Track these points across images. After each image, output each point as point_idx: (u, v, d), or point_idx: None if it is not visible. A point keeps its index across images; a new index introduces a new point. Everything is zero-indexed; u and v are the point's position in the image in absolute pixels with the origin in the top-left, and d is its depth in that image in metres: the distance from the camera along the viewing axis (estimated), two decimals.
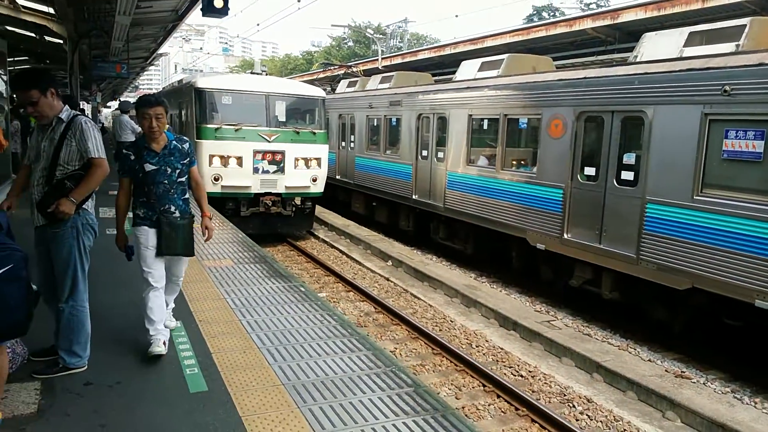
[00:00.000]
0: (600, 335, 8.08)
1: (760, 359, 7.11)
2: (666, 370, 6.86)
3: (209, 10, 8.50)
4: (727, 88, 6.30)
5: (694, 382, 6.62)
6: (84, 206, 3.95)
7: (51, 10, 14.64)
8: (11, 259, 2.81)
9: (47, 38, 17.49)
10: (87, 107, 30.02)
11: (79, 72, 18.89)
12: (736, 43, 6.86)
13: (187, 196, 4.42)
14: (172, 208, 4.28)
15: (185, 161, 4.35)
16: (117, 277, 6.15)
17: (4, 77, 12.99)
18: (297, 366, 4.32)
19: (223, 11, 8.49)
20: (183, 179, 4.36)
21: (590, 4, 40.77)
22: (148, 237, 4.23)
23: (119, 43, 17.53)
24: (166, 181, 4.25)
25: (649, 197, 7.27)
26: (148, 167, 4.20)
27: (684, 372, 6.91)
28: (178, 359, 4.30)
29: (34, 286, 3.08)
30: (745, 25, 6.92)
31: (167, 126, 4.50)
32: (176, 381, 3.92)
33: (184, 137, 4.48)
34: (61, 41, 17.83)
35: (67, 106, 4.00)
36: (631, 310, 8.42)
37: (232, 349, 4.57)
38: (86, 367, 4.02)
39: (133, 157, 4.21)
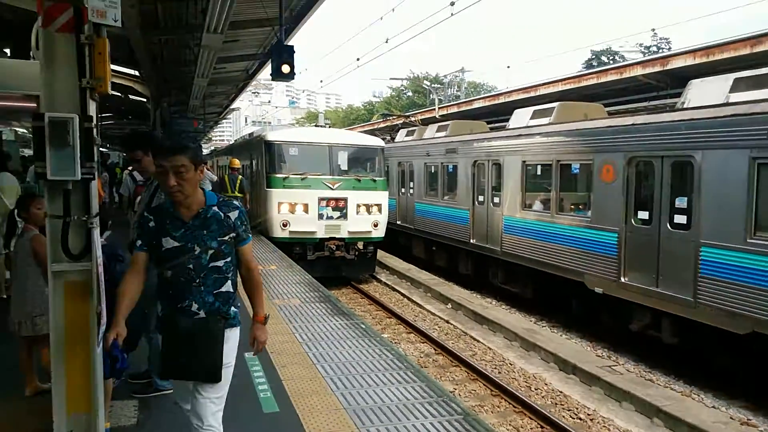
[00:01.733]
0: (662, 381, 7.99)
1: None
2: (731, 417, 6.74)
3: (278, 75, 9.54)
4: None
5: (761, 431, 6.49)
6: None
7: (136, 73, 16.29)
8: None
9: (131, 97, 19.33)
10: None
11: (160, 127, 20.57)
12: None
13: (227, 289, 2.98)
14: (195, 306, 2.89)
15: (226, 237, 2.96)
16: None
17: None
18: (357, 393, 4.74)
19: (290, 76, 9.51)
20: (220, 264, 2.94)
21: (650, 46, 40.40)
22: None
23: (197, 101, 19.10)
24: (191, 266, 2.89)
25: (703, 240, 7.30)
26: (168, 243, 2.90)
27: (750, 420, 6.76)
28: (253, 384, 4.81)
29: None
30: None
31: (208, 182, 3.65)
32: (251, 402, 4.41)
33: (234, 202, 3.11)
34: (144, 100, 19.62)
35: None
36: (695, 356, 8.28)
37: (300, 377, 5.05)
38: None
39: (152, 224, 2.94)
